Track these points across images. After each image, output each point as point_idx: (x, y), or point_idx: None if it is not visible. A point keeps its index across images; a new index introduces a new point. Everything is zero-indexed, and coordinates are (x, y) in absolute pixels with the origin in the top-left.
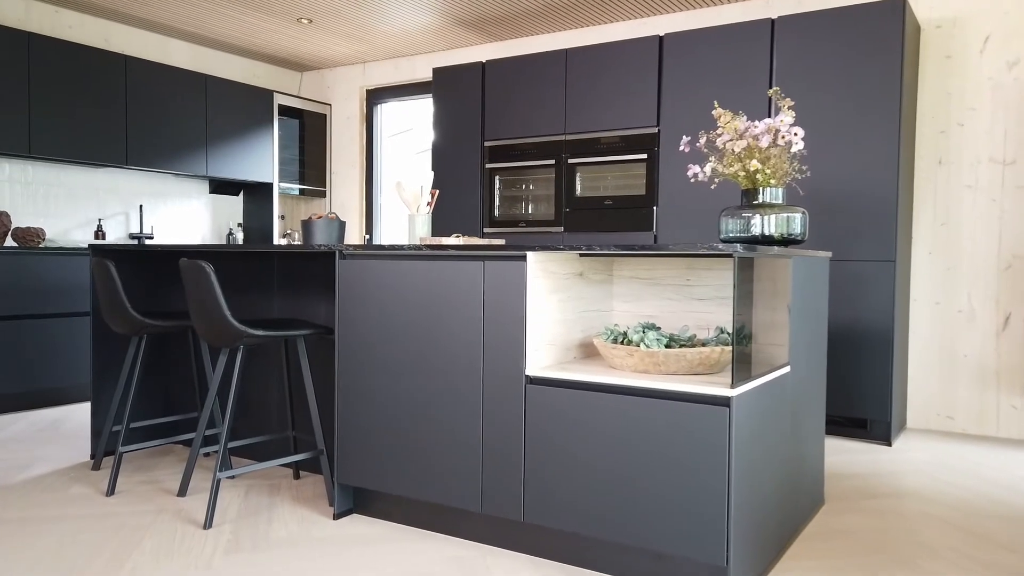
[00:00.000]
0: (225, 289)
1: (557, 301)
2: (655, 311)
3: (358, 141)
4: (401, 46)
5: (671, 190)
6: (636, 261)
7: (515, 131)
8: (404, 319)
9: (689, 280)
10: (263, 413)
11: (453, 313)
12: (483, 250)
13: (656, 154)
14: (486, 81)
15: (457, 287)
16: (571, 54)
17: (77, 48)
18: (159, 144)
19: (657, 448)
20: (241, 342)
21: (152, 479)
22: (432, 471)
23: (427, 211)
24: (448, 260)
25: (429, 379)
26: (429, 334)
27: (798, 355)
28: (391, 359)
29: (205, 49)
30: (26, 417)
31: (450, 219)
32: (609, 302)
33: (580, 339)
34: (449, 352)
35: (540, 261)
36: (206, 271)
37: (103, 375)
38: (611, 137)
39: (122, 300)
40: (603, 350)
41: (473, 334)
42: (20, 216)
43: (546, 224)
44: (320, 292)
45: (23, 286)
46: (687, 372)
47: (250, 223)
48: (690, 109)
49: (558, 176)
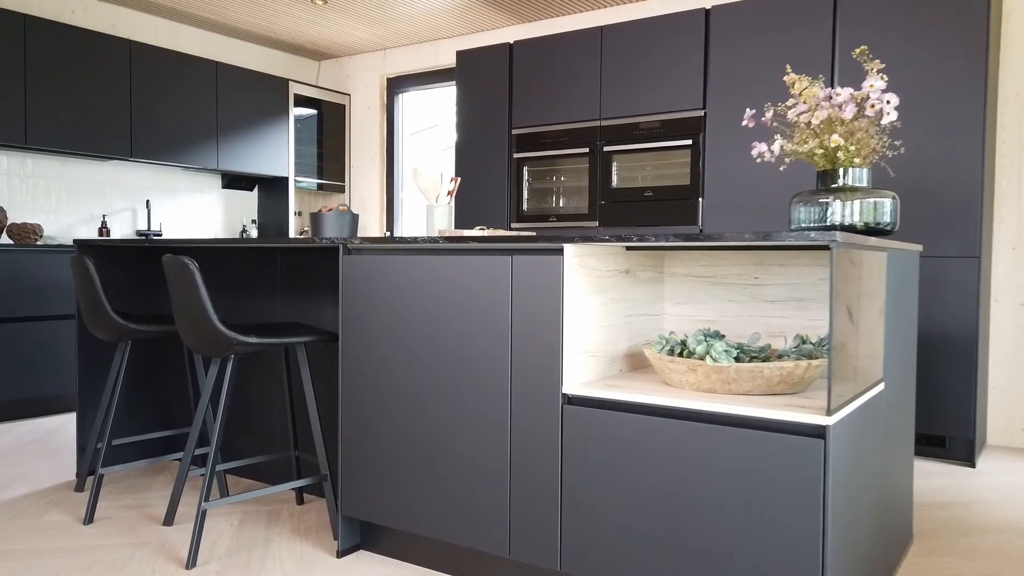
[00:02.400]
0: (221, 289)
1: (599, 303)
2: (715, 315)
3: (378, 133)
4: (423, 30)
5: (719, 180)
6: (693, 256)
7: (545, 117)
8: (418, 324)
9: (758, 278)
10: (266, 428)
11: (475, 318)
12: (511, 242)
13: (702, 140)
14: (514, 64)
15: (480, 287)
16: (607, 32)
17: (77, 31)
18: (167, 135)
19: (729, 487)
20: (231, 351)
21: (139, 502)
22: (451, 506)
23: (448, 201)
24: (470, 255)
25: (447, 396)
26: (447, 343)
27: (892, 369)
28: (403, 372)
29: (218, 36)
30: (17, 428)
31: (474, 213)
32: (659, 304)
33: (626, 349)
34: (471, 364)
35: (580, 255)
36: (189, 268)
37: (90, 385)
38: (651, 122)
39: (102, 302)
40: (657, 363)
41: (499, 343)
42: (18, 211)
43: (579, 218)
44: (328, 293)
45: (17, 286)
46: (764, 392)
47: (265, 219)
48: (741, 89)
49: (592, 165)
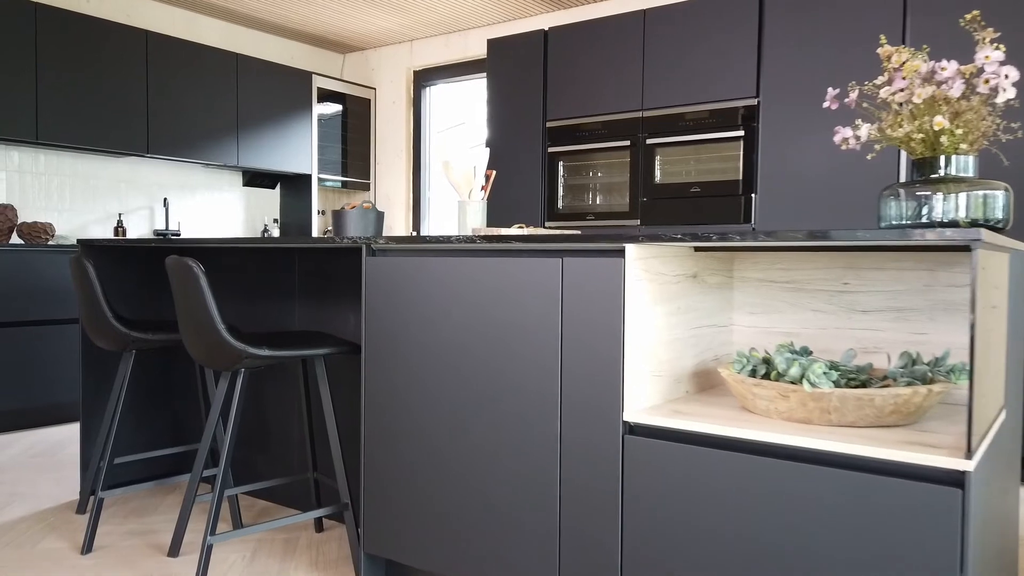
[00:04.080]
0: (235, 293)
1: (664, 314)
2: (795, 326)
3: (404, 128)
4: (451, 18)
5: (774, 173)
6: (769, 258)
7: (582, 109)
8: (452, 336)
9: (848, 284)
10: (284, 445)
11: (519, 330)
12: (561, 242)
13: (755, 131)
14: (548, 52)
15: (525, 294)
16: (650, 16)
17: (90, 21)
18: (185, 131)
19: (835, 543)
20: (241, 364)
21: (145, 527)
22: (489, 550)
23: (481, 196)
24: (512, 256)
25: (486, 420)
26: (486, 358)
27: (1011, 392)
28: (435, 390)
29: (238, 27)
30: (26, 438)
31: (506, 211)
32: (728, 314)
33: (693, 366)
34: (514, 384)
35: (643, 258)
36: (194, 272)
37: (94, 396)
38: (699, 112)
39: (102, 308)
40: (737, 386)
41: (547, 360)
42: (30, 210)
43: (619, 216)
44: (351, 297)
45: (28, 288)
46: (871, 423)
47: (287, 218)
48: (799, 75)
49: (634, 159)
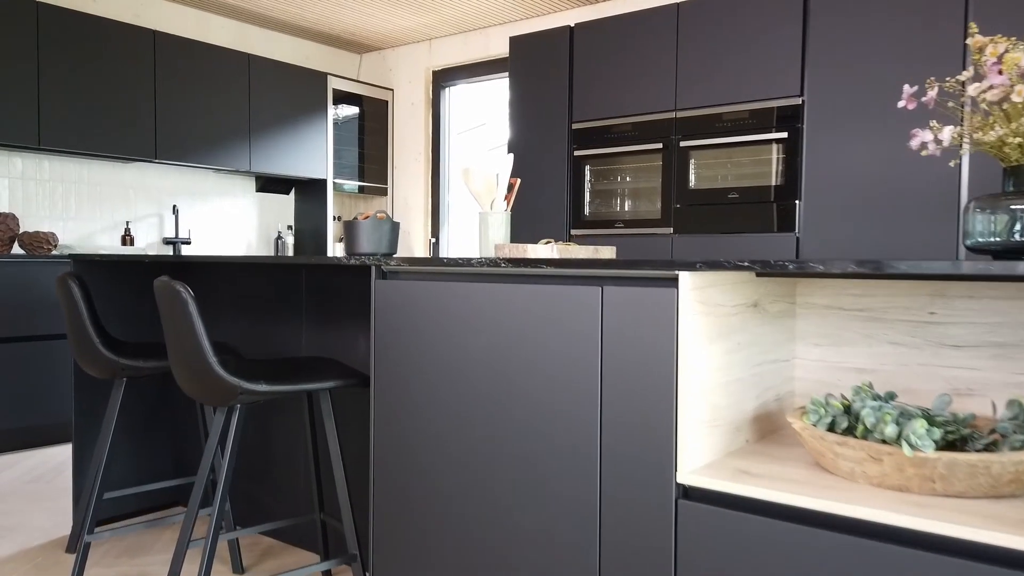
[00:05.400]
0: (238, 311)
1: (722, 352)
2: (870, 362)
3: (423, 130)
4: (472, 16)
5: (821, 179)
6: (838, 282)
7: (610, 109)
8: (472, 373)
9: (935, 314)
10: (289, 480)
11: (550, 368)
12: (602, 267)
13: (799, 132)
14: (574, 50)
15: (557, 327)
16: (684, 9)
17: (95, 21)
18: (195, 135)
19: None
20: (236, 400)
21: (138, 570)
22: None
23: (504, 207)
24: (543, 283)
25: (509, 472)
26: (511, 400)
27: None
28: (452, 434)
29: (250, 26)
30: (26, 460)
31: (528, 219)
32: (790, 346)
33: (754, 409)
34: (544, 433)
35: (700, 287)
36: (182, 297)
37: (88, 424)
38: (737, 112)
39: (88, 334)
40: (814, 442)
41: (584, 405)
42: (33, 219)
43: (650, 224)
44: (362, 317)
45: (29, 302)
46: (984, 494)
47: (302, 225)
48: (849, 70)
49: (666, 163)
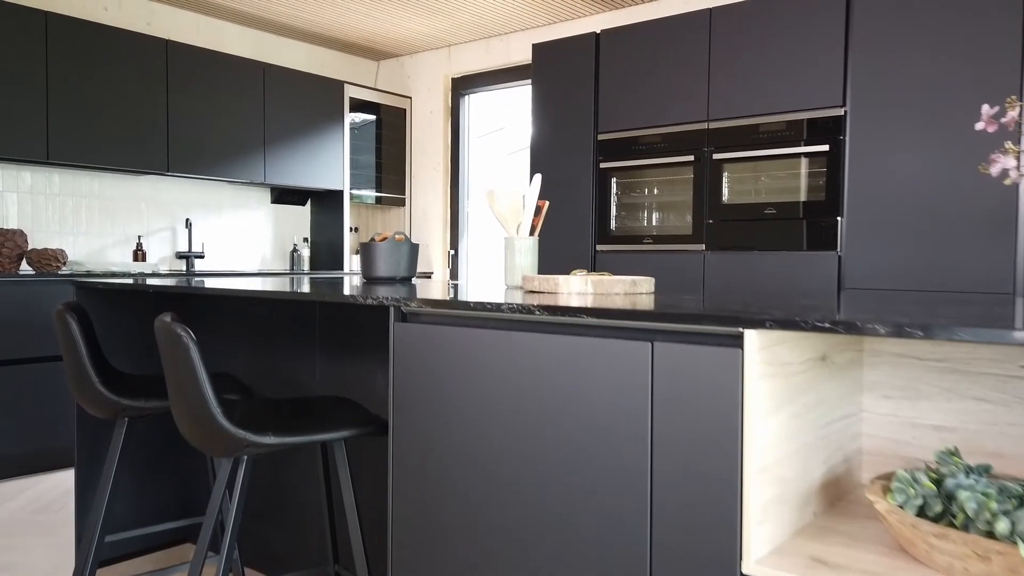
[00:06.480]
0: (248, 340)
1: (790, 417)
2: (950, 418)
3: (442, 139)
4: (492, 21)
5: (865, 194)
6: None
7: (638, 120)
8: (500, 430)
9: None
10: (302, 525)
11: (590, 435)
12: (652, 319)
13: (841, 144)
14: (600, 57)
15: (600, 386)
16: (717, 14)
17: (105, 30)
18: (208, 146)
19: None
20: (242, 452)
21: None
22: None
23: (531, 232)
24: (583, 335)
25: (540, 550)
26: (545, 467)
27: None
28: (476, 498)
29: (265, 34)
30: (33, 486)
31: (552, 234)
32: (856, 399)
33: (822, 476)
34: (584, 506)
35: (768, 346)
36: (183, 342)
37: (91, 461)
38: (774, 123)
39: (87, 372)
40: (902, 528)
41: (631, 479)
42: (43, 234)
43: (680, 240)
44: (379, 351)
45: (38, 322)
46: None
47: (319, 237)
48: (896, 78)
49: (698, 176)
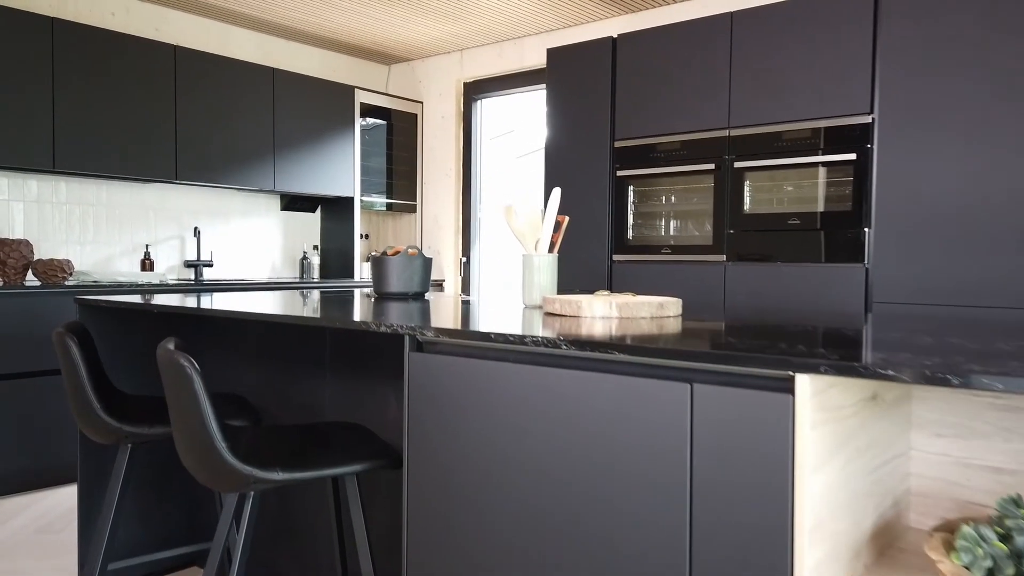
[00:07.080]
0: (256, 358)
1: (841, 465)
2: (1009, 460)
3: (454, 145)
4: (506, 25)
5: (894, 204)
6: None
7: (656, 126)
8: (523, 469)
9: None
10: (314, 551)
11: (623, 481)
12: (691, 359)
13: (868, 153)
14: (617, 62)
15: (633, 429)
16: (739, 19)
17: (112, 36)
18: (217, 153)
19: None
20: (248, 488)
21: None
22: None
23: (550, 249)
24: (615, 373)
25: None
26: (571, 513)
27: None
28: (497, 541)
29: (274, 39)
30: (37, 503)
31: (568, 243)
32: (905, 437)
33: (873, 524)
34: (616, 563)
35: (820, 391)
36: (186, 373)
37: (94, 486)
38: (798, 130)
39: (88, 398)
40: None
41: (667, 533)
42: (50, 243)
43: (700, 250)
44: (393, 373)
45: (43, 334)
46: None
47: (329, 244)
48: (926, 84)
49: (719, 185)
